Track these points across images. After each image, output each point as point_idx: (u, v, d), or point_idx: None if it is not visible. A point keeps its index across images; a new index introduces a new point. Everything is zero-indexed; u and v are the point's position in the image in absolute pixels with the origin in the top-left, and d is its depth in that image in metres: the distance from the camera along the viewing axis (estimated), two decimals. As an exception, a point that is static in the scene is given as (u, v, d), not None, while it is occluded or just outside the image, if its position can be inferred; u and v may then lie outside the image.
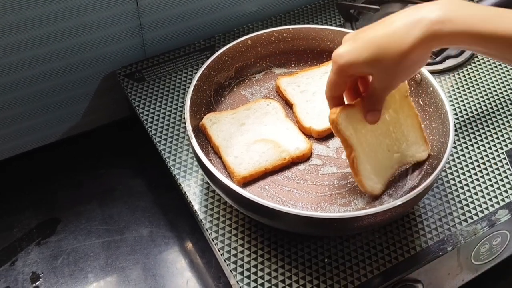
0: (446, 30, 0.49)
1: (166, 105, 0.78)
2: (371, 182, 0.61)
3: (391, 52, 0.50)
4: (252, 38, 0.73)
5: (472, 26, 0.48)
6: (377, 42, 0.51)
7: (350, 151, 0.60)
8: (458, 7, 0.49)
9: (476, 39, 0.49)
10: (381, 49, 0.51)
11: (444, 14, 0.49)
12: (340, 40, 0.74)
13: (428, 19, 0.49)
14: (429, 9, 0.50)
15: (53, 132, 0.84)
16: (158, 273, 0.69)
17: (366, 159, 0.61)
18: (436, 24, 0.49)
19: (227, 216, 0.65)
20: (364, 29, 0.54)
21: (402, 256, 0.62)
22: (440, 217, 0.65)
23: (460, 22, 0.48)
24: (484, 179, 0.69)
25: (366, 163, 0.61)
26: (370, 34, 0.52)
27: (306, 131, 0.68)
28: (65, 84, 0.79)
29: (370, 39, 0.52)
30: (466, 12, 0.49)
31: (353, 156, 0.60)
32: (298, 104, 0.70)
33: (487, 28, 0.48)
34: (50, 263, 0.69)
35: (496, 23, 0.48)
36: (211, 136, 0.66)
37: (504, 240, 0.69)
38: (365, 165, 0.61)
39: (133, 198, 0.77)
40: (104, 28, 0.77)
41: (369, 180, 0.61)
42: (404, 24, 0.50)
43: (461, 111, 0.78)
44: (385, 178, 0.62)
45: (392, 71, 0.52)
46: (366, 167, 0.61)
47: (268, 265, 0.61)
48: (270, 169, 0.64)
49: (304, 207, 0.62)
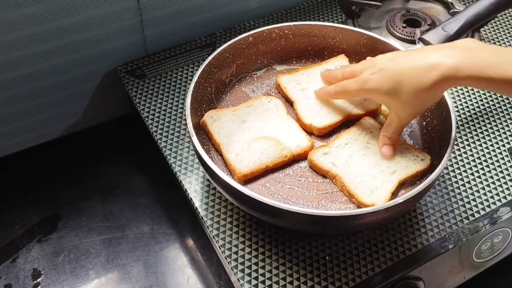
0: (459, 75, 0.54)
1: (167, 102, 0.77)
2: (372, 198, 0.60)
3: (409, 88, 0.57)
4: (253, 35, 0.73)
5: (483, 71, 0.53)
6: (397, 77, 0.58)
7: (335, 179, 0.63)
8: (472, 53, 0.55)
9: (487, 82, 0.54)
10: (401, 83, 0.57)
11: (458, 61, 0.54)
12: (341, 37, 0.75)
13: (446, 64, 0.55)
14: (448, 54, 0.55)
15: (54, 129, 0.84)
16: (159, 270, 0.69)
17: (356, 181, 0.61)
18: (451, 70, 0.54)
19: (228, 213, 0.65)
20: (391, 58, 0.60)
21: (404, 253, 0.62)
22: (442, 214, 0.65)
23: (472, 68, 0.54)
24: (486, 176, 0.69)
25: (357, 184, 0.61)
26: (394, 67, 0.58)
27: (307, 128, 0.68)
28: (66, 81, 0.79)
29: (393, 72, 0.58)
30: (479, 57, 0.54)
31: (340, 181, 0.62)
32: (299, 101, 0.70)
33: (497, 73, 0.53)
34: (51, 260, 0.69)
35: (505, 67, 0.52)
36: (212, 133, 0.66)
37: (506, 238, 0.69)
38: (356, 185, 0.61)
39: (134, 195, 0.77)
40: (105, 25, 0.76)
41: (368, 198, 0.60)
42: (421, 64, 0.56)
43: (463, 108, 0.77)
44: (386, 192, 0.61)
45: (408, 104, 0.59)
46: (358, 186, 0.61)
47: (269, 262, 0.61)
48: (271, 167, 0.64)
49: (305, 204, 0.61)
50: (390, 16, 0.88)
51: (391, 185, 0.61)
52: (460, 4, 0.91)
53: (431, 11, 0.91)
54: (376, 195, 0.60)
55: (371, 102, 0.69)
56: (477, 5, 0.72)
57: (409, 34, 0.84)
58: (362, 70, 0.62)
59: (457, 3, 0.90)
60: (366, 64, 0.62)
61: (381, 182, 0.61)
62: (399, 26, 0.85)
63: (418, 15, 0.87)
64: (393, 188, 0.61)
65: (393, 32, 0.85)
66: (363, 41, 0.74)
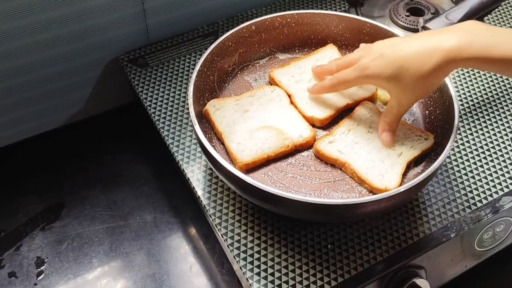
0: (462, 56, 0.54)
1: (170, 91, 0.77)
2: (383, 181, 0.61)
3: (411, 73, 0.56)
4: (256, 23, 0.73)
5: (486, 51, 0.53)
6: (399, 62, 0.57)
7: (344, 167, 0.63)
8: (474, 35, 0.54)
9: (490, 63, 0.54)
10: (401, 69, 0.57)
11: (460, 42, 0.54)
12: (344, 26, 0.74)
13: (447, 46, 0.54)
14: (448, 36, 0.55)
15: (57, 118, 0.84)
16: (162, 259, 0.69)
17: (366, 167, 0.62)
18: (453, 52, 0.54)
19: (230, 202, 0.65)
20: (392, 44, 0.59)
21: (406, 242, 0.62)
22: (444, 203, 0.65)
23: (475, 49, 0.54)
24: (488, 165, 0.69)
25: (367, 169, 0.62)
26: (395, 52, 0.58)
27: (309, 120, 0.68)
28: (69, 70, 0.79)
29: (395, 58, 0.57)
30: (481, 38, 0.54)
31: (350, 168, 0.63)
32: (296, 94, 0.69)
33: (500, 53, 0.53)
34: (55, 248, 0.69)
35: (508, 46, 0.53)
36: (214, 122, 0.66)
37: (508, 227, 0.69)
38: (366, 170, 0.62)
39: (137, 184, 0.77)
40: (107, 13, 0.76)
41: (379, 181, 0.61)
42: (424, 49, 0.56)
43: (466, 97, 0.77)
44: (397, 174, 0.61)
45: (409, 90, 0.58)
46: (369, 171, 0.61)
47: (271, 250, 0.61)
48: (273, 157, 0.64)
49: (307, 193, 0.62)
50: (394, 4, 0.87)
51: (400, 166, 0.62)
52: (464, -8, 0.90)
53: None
54: (387, 178, 0.61)
55: (367, 89, 0.69)
56: (481, -7, 0.72)
57: (412, 23, 0.84)
58: (359, 57, 0.61)
59: (461, -9, 0.90)
60: (363, 52, 0.62)
61: (390, 165, 0.62)
62: (402, 15, 0.85)
63: (422, 4, 0.86)
64: (402, 169, 0.62)
65: (396, 21, 0.85)
66: (366, 29, 0.74)
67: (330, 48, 0.74)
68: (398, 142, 0.64)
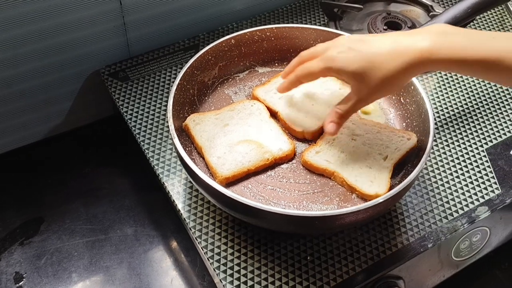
0: (433, 58, 0.54)
1: (150, 104, 0.78)
2: (373, 187, 0.62)
3: (379, 71, 0.56)
4: (236, 37, 0.74)
5: (457, 53, 0.53)
6: (368, 58, 0.56)
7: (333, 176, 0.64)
8: (445, 37, 0.54)
9: (461, 64, 0.54)
10: (370, 65, 0.56)
11: (432, 44, 0.54)
12: (322, 39, 0.75)
13: (419, 47, 0.54)
14: (419, 38, 0.55)
15: (37, 131, 0.84)
16: (142, 272, 0.69)
17: (354, 174, 0.63)
18: (426, 53, 0.54)
19: (210, 215, 0.66)
20: (360, 39, 0.58)
21: (384, 253, 0.63)
22: (421, 214, 0.66)
23: (446, 51, 0.53)
24: (464, 176, 0.70)
25: (356, 177, 0.63)
26: (365, 48, 0.57)
27: (299, 135, 0.68)
28: (49, 83, 0.79)
29: (364, 53, 0.57)
30: (452, 41, 0.54)
31: (339, 177, 0.63)
32: (282, 110, 0.70)
33: (471, 55, 0.53)
34: (34, 263, 0.69)
35: (477, 48, 0.53)
36: (194, 136, 0.66)
37: (484, 237, 0.70)
38: (355, 178, 0.63)
39: (117, 197, 0.77)
40: (87, 27, 0.76)
41: (369, 187, 0.62)
42: (395, 48, 0.55)
43: (443, 109, 0.79)
44: (385, 179, 0.63)
45: (374, 87, 0.57)
46: (358, 179, 0.63)
47: (251, 263, 0.62)
48: (253, 170, 0.64)
49: (286, 205, 0.62)
50: (372, 18, 0.89)
51: (387, 170, 0.63)
52: (440, 7, 0.92)
53: (411, 13, 0.92)
54: (376, 184, 0.62)
55: None
56: (455, 8, 0.74)
57: (390, 36, 0.85)
58: (325, 49, 0.60)
59: (436, 6, 0.92)
60: (329, 44, 0.60)
61: (378, 170, 0.63)
62: (380, 29, 0.86)
63: (399, 18, 0.88)
64: (390, 173, 0.63)
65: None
66: (344, 43, 0.75)
67: None
68: (383, 146, 0.65)
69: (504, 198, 0.68)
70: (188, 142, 0.67)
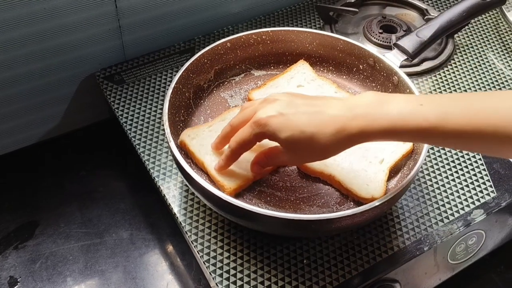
0: (366, 133, 0.51)
1: (146, 108, 0.77)
2: (369, 191, 0.62)
3: (309, 142, 0.53)
4: (231, 41, 0.74)
5: (393, 124, 0.50)
6: (301, 128, 0.53)
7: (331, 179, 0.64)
8: (378, 108, 0.51)
9: (399, 135, 0.51)
10: (302, 135, 0.53)
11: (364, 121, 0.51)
12: (318, 43, 0.76)
13: (349, 124, 0.51)
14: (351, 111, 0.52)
15: (33, 134, 0.83)
16: (138, 276, 0.68)
17: (350, 177, 0.63)
18: (356, 129, 0.51)
19: (206, 218, 0.66)
20: (292, 103, 0.55)
21: (380, 256, 0.63)
22: (417, 217, 0.66)
23: (380, 123, 0.50)
24: (460, 179, 0.70)
25: (352, 180, 0.63)
26: (298, 116, 0.54)
27: None
28: (44, 86, 0.79)
29: (297, 122, 0.53)
30: (386, 112, 0.51)
31: (335, 180, 0.63)
32: None
33: (408, 124, 0.49)
34: (28, 267, 0.68)
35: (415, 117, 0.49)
36: (193, 152, 0.64)
37: (480, 240, 0.70)
38: (351, 181, 0.62)
39: (113, 200, 0.76)
40: (82, 30, 0.76)
41: (365, 191, 0.62)
42: (327, 120, 0.52)
43: (438, 112, 0.79)
44: (381, 182, 0.62)
45: (303, 155, 0.56)
46: (354, 182, 0.62)
47: (247, 266, 0.62)
48: (258, 178, 0.64)
49: (282, 209, 0.62)
50: (367, 22, 0.89)
51: (383, 174, 0.63)
52: (435, 11, 0.93)
53: (406, 17, 0.93)
54: (372, 187, 0.62)
55: None
56: (450, 11, 0.74)
57: (385, 39, 0.86)
58: (254, 111, 0.57)
59: (431, 9, 0.92)
60: (257, 105, 0.57)
61: (373, 173, 0.63)
62: (376, 32, 0.87)
63: (394, 21, 0.89)
64: (385, 176, 0.63)
65: (370, 38, 0.87)
66: (339, 46, 0.75)
67: (302, 64, 0.75)
68: (379, 149, 0.65)
69: (500, 201, 0.68)
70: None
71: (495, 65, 0.86)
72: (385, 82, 0.72)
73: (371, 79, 0.75)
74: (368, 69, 0.74)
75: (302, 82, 0.73)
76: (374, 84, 0.74)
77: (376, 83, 0.74)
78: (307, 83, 0.73)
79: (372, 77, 0.74)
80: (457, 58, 0.86)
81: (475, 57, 0.87)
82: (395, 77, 0.70)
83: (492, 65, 0.86)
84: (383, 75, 0.72)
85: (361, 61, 0.74)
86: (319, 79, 0.74)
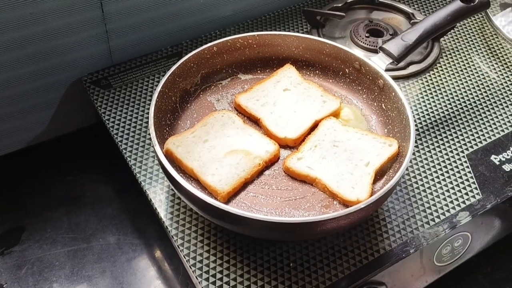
0: None
1: (133, 112, 0.77)
2: (355, 193, 0.62)
3: None
4: (218, 45, 0.74)
5: None
6: None
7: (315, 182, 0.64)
8: None
9: None
10: None
11: None
12: (305, 47, 0.76)
13: None
14: None
15: (19, 139, 0.83)
16: (125, 281, 0.68)
17: (336, 180, 0.63)
18: None
19: (193, 222, 0.65)
20: None
21: (366, 259, 0.63)
22: (403, 220, 0.67)
23: None
24: (445, 182, 0.71)
25: (338, 183, 0.63)
26: None
27: (282, 142, 0.68)
28: (31, 91, 0.79)
29: None
30: None
31: (320, 183, 0.64)
32: (264, 117, 0.70)
33: None
34: (14, 273, 0.68)
35: None
36: (181, 160, 0.64)
37: (466, 242, 0.71)
38: (337, 184, 0.63)
39: (100, 205, 0.76)
40: (69, 34, 0.76)
41: (351, 193, 0.62)
42: None
43: (424, 115, 0.79)
44: (367, 184, 0.63)
45: None
46: (339, 185, 0.63)
47: (234, 270, 0.61)
48: (249, 179, 0.64)
49: (268, 212, 0.62)
50: (354, 26, 0.90)
51: (369, 176, 0.63)
52: (421, 15, 0.93)
53: (393, 21, 0.93)
54: (357, 189, 0.62)
55: (331, 103, 0.71)
56: (435, 15, 0.75)
57: (371, 43, 0.86)
58: None
59: (417, 13, 0.93)
60: None
61: (359, 176, 0.63)
62: (363, 36, 0.87)
63: (381, 25, 0.89)
64: (371, 179, 0.63)
65: (356, 42, 0.87)
66: (326, 50, 0.75)
67: (288, 68, 0.75)
68: (364, 152, 0.66)
69: (485, 203, 0.69)
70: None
71: (480, 68, 0.87)
72: (371, 85, 0.73)
73: (357, 83, 0.75)
74: (354, 73, 0.75)
75: (288, 85, 0.73)
76: (360, 87, 0.75)
77: (362, 87, 0.75)
78: (294, 87, 0.73)
79: (358, 80, 0.75)
80: (443, 62, 0.87)
81: (461, 61, 0.88)
82: (380, 80, 0.71)
83: (478, 68, 0.87)
84: (369, 79, 0.73)
85: (347, 65, 0.75)
86: (305, 82, 0.74)
